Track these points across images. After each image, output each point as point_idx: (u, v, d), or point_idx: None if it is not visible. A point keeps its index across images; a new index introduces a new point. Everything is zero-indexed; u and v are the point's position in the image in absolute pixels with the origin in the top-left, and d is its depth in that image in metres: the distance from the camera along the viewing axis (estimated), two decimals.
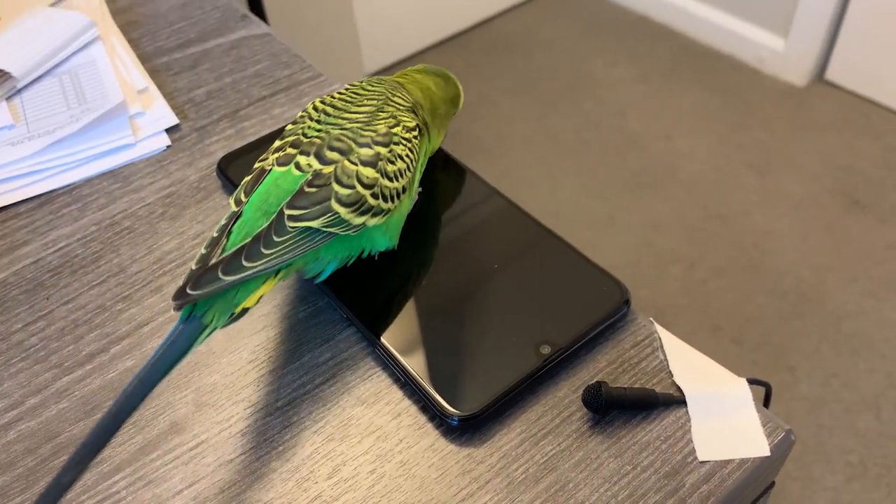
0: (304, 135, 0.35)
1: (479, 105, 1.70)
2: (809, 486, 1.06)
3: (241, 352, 0.36)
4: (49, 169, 0.45)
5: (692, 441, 0.31)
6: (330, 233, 0.33)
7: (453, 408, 0.32)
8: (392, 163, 0.35)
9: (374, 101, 0.37)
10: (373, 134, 0.35)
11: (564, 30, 1.91)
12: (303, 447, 0.32)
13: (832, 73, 1.64)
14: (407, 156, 0.36)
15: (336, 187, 0.33)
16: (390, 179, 0.34)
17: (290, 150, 0.35)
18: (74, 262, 0.41)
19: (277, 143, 0.36)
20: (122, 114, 0.47)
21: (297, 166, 0.34)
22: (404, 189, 0.36)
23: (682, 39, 1.84)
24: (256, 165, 0.36)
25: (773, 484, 0.33)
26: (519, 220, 0.39)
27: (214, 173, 0.45)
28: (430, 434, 0.32)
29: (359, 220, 0.33)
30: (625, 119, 1.65)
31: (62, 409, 0.34)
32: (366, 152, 0.34)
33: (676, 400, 0.32)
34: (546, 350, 0.33)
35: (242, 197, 0.34)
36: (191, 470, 0.32)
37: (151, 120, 0.47)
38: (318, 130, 0.35)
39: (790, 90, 1.67)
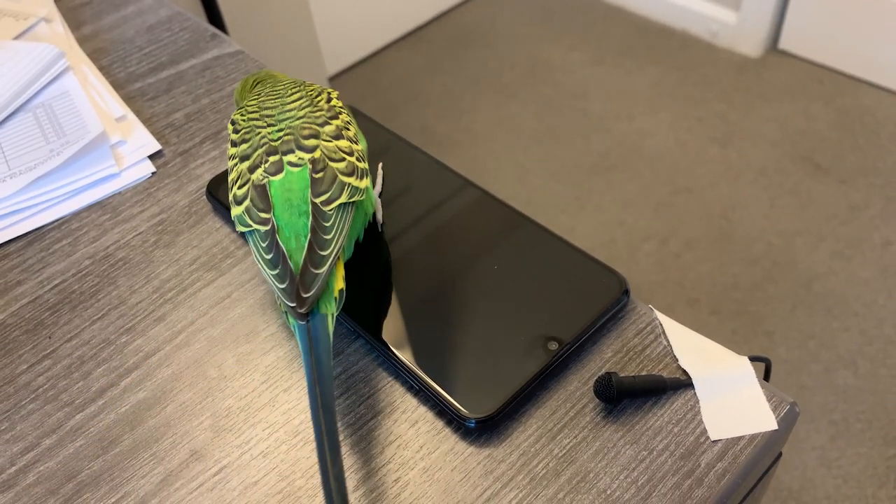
0: (272, 140, 0.36)
1: (443, 99, 1.70)
2: (796, 447, 1.09)
3: (252, 374, 0.36)
4: (35, 206, 0.45)
5: (703, 422, 0.32)
6: (353, 203, 0.35)
7: (469, 411, 0.33)
8: (348, 129, 0.38)
9: (296, 89, 0.40)
10: (323, 112, 0.38)
11: (520, 18, 1.92)
12: None
13: (785, 43, 1.68)
14: (352, 120, 0.39)
15: (333, 165, 0.35)
16: (356, 143, 0.38)
17: (271, 159, 0.36)
18: (73, 298, 0.41)
19: (244, 167, 0.36)
20: (104, 144, 0.47)
21: (292, 164, 0.36)
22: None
23: (634, 19, 1.87)
24: (240, 187, 0.36)
25: (780, 455, 0.35)
26: (513, 220, 0.40)
27: (204, 197, 0.45)
28: (448, 438, 0.33)
29: (363, 184, 0.36)
30: (586, 102, 1.66)
31: (79, 448, 0.35)
32: (329, 129, 0.37)
33: (684, 383, 0.33)
34: (554, 346, 0.34)
35: (263, 215, 0.35)
36: (216, 496, 0.32)
37: (133, 148, 0.47)
38: (280, 130, 0.37)
39: (745, 62, 1.70)
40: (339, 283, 0.34)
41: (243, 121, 0.38)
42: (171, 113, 0.50)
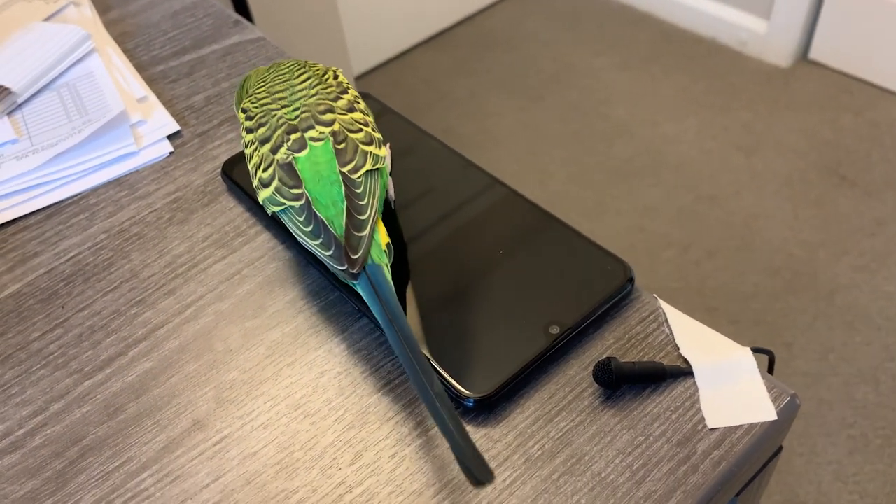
0: (290, 119, 0.37)
1: (467, 101, 1.71)
2: (812, 461, 1.07)
3: (257, 348, 0.37)
4: (55, 181, 0.46)
5: (701, 410, 0.32)
6: (377, 169, 0.37)
7: (468, 390, 0.33)
8: (359, 102, 0.39)
9: (302, 69, 0.40)
10: (333, 88, 0.39)
11: (547, 22, 1.92)
12: (324, 436, 0.33)
13: (815, 53, 1.66)
14: (359, 96, 0.40)
15: (352, 136, 0.37)
16: (367, 115, 0.39)
17: (293, 136, 0.37)
18: (87, 270, 0.41)
19: (265, 149, 0.37)
20: (124, 123, 0.48)
21: (314, 139, 0.36)
22: None
23: (662, 25, 1.86)
24: (265, 170, 0.36)
25: (780, 448, 0.35)
26: (520, 206, 0.40)
27: (219, 177, 0.46)
28: None
29: (382, 153, 0.38)
30: (611, 107, 1.66)
31: (85, 413, 0.35)
32: (341, 103, 0.38)
33: (684, 371, 0.33)
34: (555, 330, 0.34)
35: (294, 191, 0.36)
36: (216, 464, 0.33)
37: (153, 128, 0.48)
38: (296, 109, 0.38)
39: (774, 71, 1.69)
40: (385, 239, 0.35)
41: (255, 107, 0.39)
42: (192, 95, 0.51)
